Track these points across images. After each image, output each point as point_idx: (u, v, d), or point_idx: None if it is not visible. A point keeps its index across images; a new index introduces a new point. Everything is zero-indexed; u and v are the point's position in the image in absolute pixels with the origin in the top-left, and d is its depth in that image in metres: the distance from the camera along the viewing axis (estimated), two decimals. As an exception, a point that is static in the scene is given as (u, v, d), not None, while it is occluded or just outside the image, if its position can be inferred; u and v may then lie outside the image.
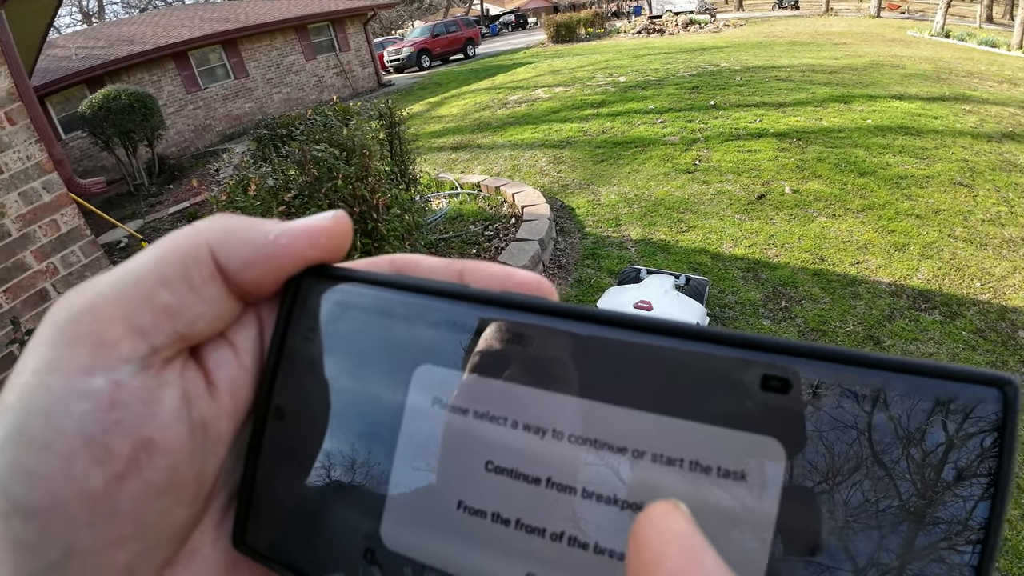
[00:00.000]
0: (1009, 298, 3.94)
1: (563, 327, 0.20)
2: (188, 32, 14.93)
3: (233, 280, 0.22)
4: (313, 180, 3.37)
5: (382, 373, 0.22)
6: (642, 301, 3.48)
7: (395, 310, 0.23)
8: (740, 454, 0.18)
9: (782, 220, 5.12)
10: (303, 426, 0.23)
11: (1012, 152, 6.53)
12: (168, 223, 7.68)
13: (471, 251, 4.94)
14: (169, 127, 12.89)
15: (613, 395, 0.20)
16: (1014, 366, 3.31)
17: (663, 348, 0.19)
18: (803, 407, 0.18)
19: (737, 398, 0.19)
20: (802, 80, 9.97)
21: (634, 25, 25.53)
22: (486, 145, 8.55)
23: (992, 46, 16.55)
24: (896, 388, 0.18)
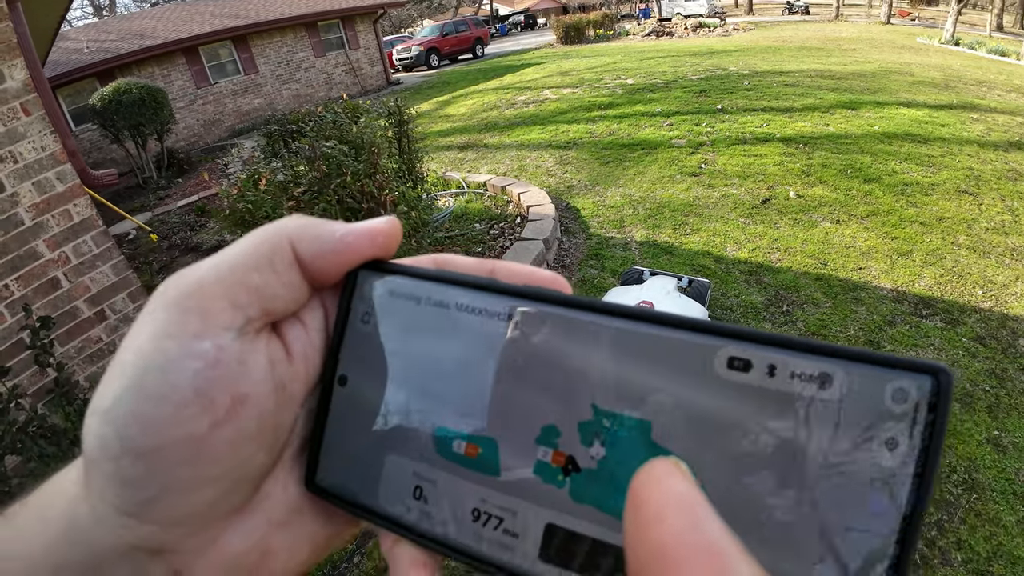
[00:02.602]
0: (1011, 306, 3.95)
1: (572, 315, 0.25)
2: (199, 27, 15.02)
3: (307, 269, 0.26)
4: (322, 176, 3.42)
5: (429, 345, 0.27)
6: (644, 301, 3.51)
7: (436, 298, 0.27)
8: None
9: (786, 225, 5.14)
10: (363, 390, 0.28)
11: (1018, 162, 6.52)
12: (176, 216, 7.75)
13: (476, 249, 4.98)
14: (178, 121, 12.98)
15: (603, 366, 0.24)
16: (1014, 373, 3.32)
17: (641, 332, 0.24)
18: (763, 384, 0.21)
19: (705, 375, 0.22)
20: (810, 85, 9.97)
21: (643, 27, 25.53)
22: (493, 145, 8.59)
23: (1001, 55, 16.49)
24: (840, 374, 0.20)
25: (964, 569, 2.28)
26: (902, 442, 0.19)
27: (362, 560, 2.54)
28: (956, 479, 2.67)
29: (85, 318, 3.17)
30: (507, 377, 0.25)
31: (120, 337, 3.39)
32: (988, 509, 2.52)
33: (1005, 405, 3.09)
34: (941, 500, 2.57)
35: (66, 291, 3.06)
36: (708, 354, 0.22)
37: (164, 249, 6.65)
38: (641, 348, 0.23)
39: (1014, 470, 2.70)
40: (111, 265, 3.28)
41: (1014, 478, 2.66)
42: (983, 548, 2.35)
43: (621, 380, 0.23)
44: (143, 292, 3.51)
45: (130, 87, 9.58)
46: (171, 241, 6.82)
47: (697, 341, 0.23)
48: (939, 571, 2.28)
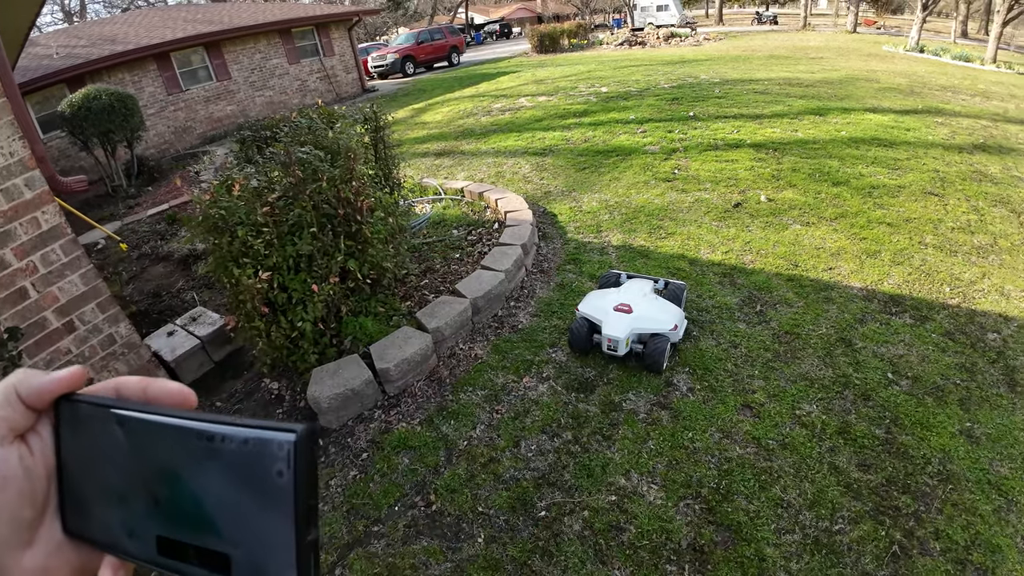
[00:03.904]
0: (978, 302, 4.09)
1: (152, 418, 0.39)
2: (171, 33, 14.78)
3: (28, 402, 0.41)
4: (298, 182, 3.40)
5: (95, 444, 0.41)
6: (622, 304, 3.57)
7: (96, 414, 0.41)
8: None
9: (758, 227, 5.25)
10: (74, 472, 0.42)
11: (983, 163, 6.77)
12: (147, 225, 7.58)
13: (455, 255, 4.98)
14: (149, 128, 12.72)
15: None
16: (983, 367, 3.43)
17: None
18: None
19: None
20: (779, 93, 10.21)
21: (616, 37, 25.87)
22: (470, 152, 8.62)
23: (966, 60, 17.04)
24: (252, 435, 0.35)
25: (944, 558, 2.34)
26: (286, 473, 0.34)
27: (344, 572, 2.52)
28: (931, 470, 2.74)
29: (54, 329, 3.09)
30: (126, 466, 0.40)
31: (90, 349, 3.32)
32: (964, 499, 2.59)
33: (976, 398, 3.19)
34: (917, 491, 2.63)
35: (34, 301, 2.98)
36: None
37: (134, 259, 6.51)
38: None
39: (988, 460, 2.79)
40: (80, 275, 3.20)
41: (988, 468, 2.74)
42: (961, 537, 2.42)
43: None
44: (113, 302, 3.43)
45: (100, 93, 9.37)
46: (141, 251, 6.67)
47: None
48: (919, 561, 2.34)
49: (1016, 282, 4.32)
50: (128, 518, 0.40)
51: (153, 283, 5.78)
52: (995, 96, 10.98)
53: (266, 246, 3.34)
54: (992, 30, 17.67)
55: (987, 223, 5.24)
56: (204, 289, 5.27)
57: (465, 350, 3.86)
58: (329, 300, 3.55)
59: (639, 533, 2.53)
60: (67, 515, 0.42)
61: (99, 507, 0.41)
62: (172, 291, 5.48)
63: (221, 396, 3.88)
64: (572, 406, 3.28)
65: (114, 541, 0.40)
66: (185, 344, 4.08)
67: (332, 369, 3.47)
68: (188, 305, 5.02)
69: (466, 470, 2.94)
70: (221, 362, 4.27)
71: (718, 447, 2.94)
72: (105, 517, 0.41)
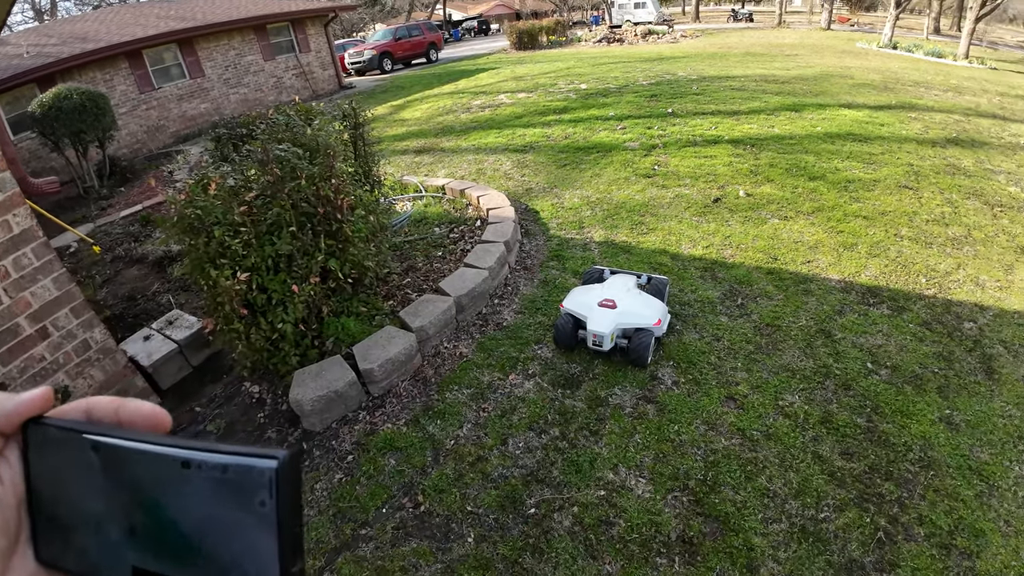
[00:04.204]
0: (954, 292, 4.18)
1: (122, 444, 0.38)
2: (142, 30, 14.45)
3: None
4: (276, 180, 3.33)
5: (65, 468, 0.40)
6: (606, 299, 3.57)
7: (57, 436, 0.40)
8: None
9: (737, 222, 5.30)
10: (48, 499, 0.40)
11: (956, 156, 6.92)
12: (120, 227, 7.40)
13: (437, 253, 4.95)
14: (121, 128, 12.43)
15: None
16: (960, 355, 3.50)
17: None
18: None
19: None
20: (755, 90, 10.33)
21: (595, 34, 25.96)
22: (450, 149, 8.57)
23: (939, 56, 17.38)
24: (231, 460, 0.34)
25: (928, 543, 2.39)
26: (268, 503, 0.33)
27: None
28: (913, 457, 2.79)
29: (27, 335, 2.99)
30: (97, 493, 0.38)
31: (64, 355, 3.22)
32: (946, 485, 2.64)
33: (955, 385, 3.26)
34: (900, 478, 2.68)
35: (6, 307, 2.88)
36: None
37: (108, 262, 6.35)
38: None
39: (968, 446, 2.85)
40: (53, 279, 3.11)
41: (968, 454, 2.80)
42: (945, 522, 2.47)
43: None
44: (87, 307, 3.34)
45: (71, 93, 9.13)
46: (115, 253, 6.51)
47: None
48: (904, 546, 2.38)
49: (990, 272, 4.42)
50: (103, 547, 0.38)
51: (128, 286, 5.64)
52: (967, 91, 11.23)
53: (244, 246, 3.27)
54: (965, 26, 18.04)
55: (961, 215, 5.36)
56: (180, 291, 5.16)
57: (450, 349, 3.84)
58: (310, 301, 3.49)
59: (629, 527, 2.54)
60: (39, 544, 0.41)
61: (73, 535, 0.39)
62: (147, 294, 5.36)
63: (200, 401, 3.80)
64: (559, 402, 3.27)
65: (89, 571, 0.39)
66: (162, 348, 3.98)
67: (314, 371, 3.41)
68: (164, 308, 4.91)
69: (454, 469, 2.92)
70: (200, 366, 4.18)
71: (704, 439, 2.96)
72: (79, 546, 0.39)
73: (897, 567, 2.30)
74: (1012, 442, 2.86)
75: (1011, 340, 3.64)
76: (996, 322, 3.82)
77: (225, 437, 3.41)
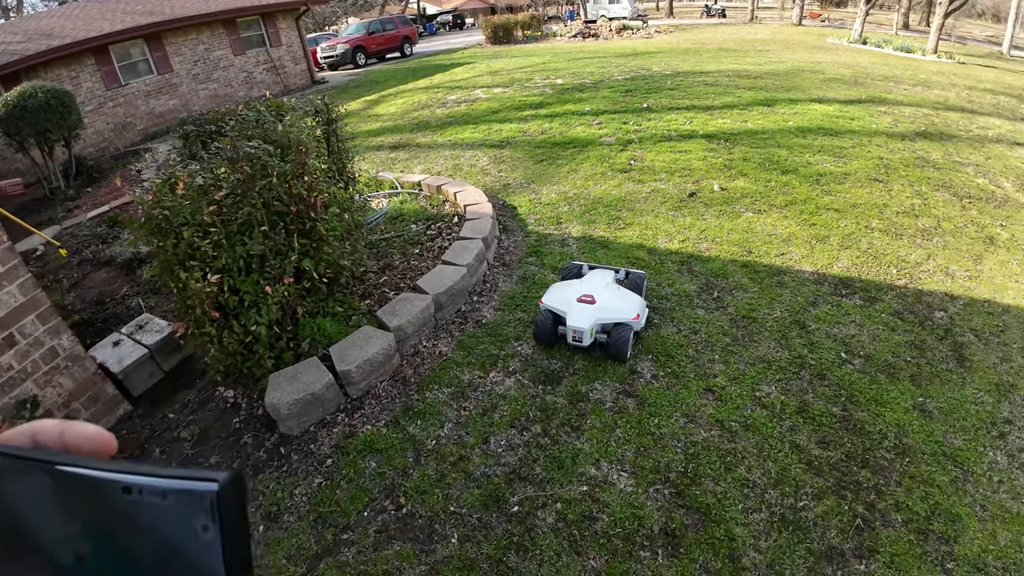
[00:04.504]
0: (924, 282, 4.28)
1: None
2: (109, 25, 14.03)
3: None
4: (246, 178, 3.25)
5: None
6: (585, 295, 3.57)
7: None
8: None
9: (712, 216, 5.35)
10: None
11: (925, 150, 7.08)
12: (87, 229, 7.18)
13: (414, 251, 4.89)
14: (87, 126, 12.08)
15: None
16: (932, 344, 3.59)
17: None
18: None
19: None
20: (728, 85, 10.44)
21: (570, 29, 25.98)
22: (426, 144, 8.49)
23: (907, 51, 17.74)
24: (141, 489, 0.33)
25: (906, 529, 2.43)
26: (211, 528, 0.32)
27: (308, 578, 2.44)
28: (887, 445, 2.85)
29: (-8, 344, 2.88)
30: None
31: (32, 364, 3.11)
32: (921, 471, 2.70)
33: (927, 373, 3.33)
34: (876, 465, 2.73)
35: None
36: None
37: (75, 265, 6.15)
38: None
39: (942, 433, 2.91)
40: (18, 285, 3.00)
41: (943, 440, 2.87)
42: (921, 508, 2.52)
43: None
44: (54, 312, 3.23)
45: (36, 91, 8.82)
46: (82, 256, 6.31)
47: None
48: (882, 532, 2.42)
49: (960, 262, 4.54)
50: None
51: (96, 290, 5.47)
52: (936, 85, 11.50)
53: (214, 247, 3.19)
54: (934, 21, 18.39)
55: (930, 207, 5.48)
56: (150, 294, 5.02)
57: (429, 347, 3.80)
58: (284, 302, 3.42)
59: (612, 521, 2.54)
60: None
61: (17, 566, 0.37)
62: (116, 298, 5.20)
63: (173, 407, 3.70)
64: (540, 399, 3.27)
65: None
66: (132, 354, 3.87)
67: (290, 374, 3.35)
68: (134, 312, 4.77)
69: (436, 470, 2.89)
70: (172, 371, 4.07)
71: (683, 431, 2.98)
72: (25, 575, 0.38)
73: (876, 553, 2.34)
74: (985, 428, 2.93)
75: (981, 328, 3.74)
76: (966, 311, 3.92)
77: (199, 444, 3.32)
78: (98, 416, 3.49)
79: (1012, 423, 2.98)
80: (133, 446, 3.35)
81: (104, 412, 3.53)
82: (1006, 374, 3.33)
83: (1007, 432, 2.92)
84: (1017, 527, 2.43)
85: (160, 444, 3.35)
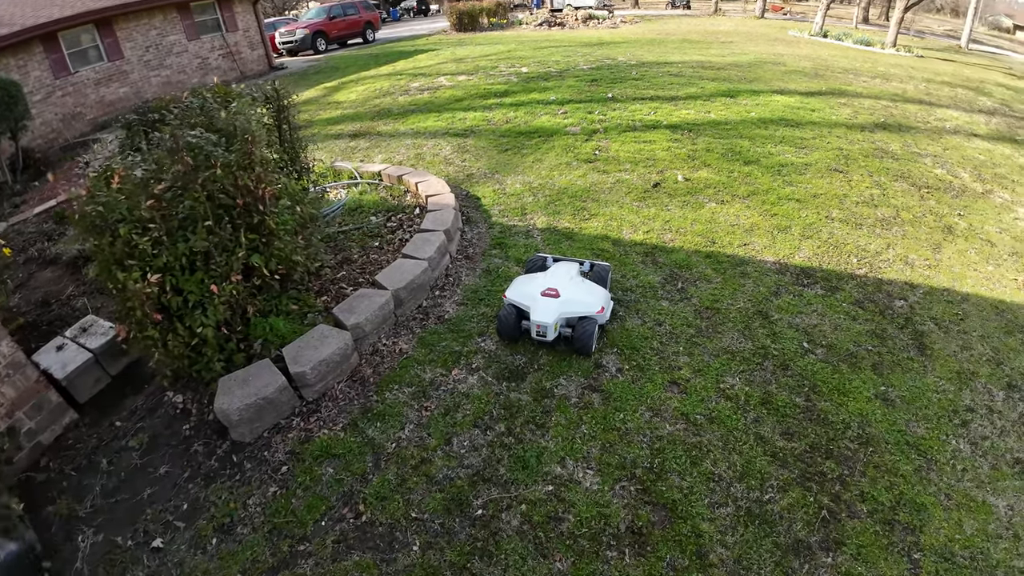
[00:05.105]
0: (884, 272, 4.33)
1: None
2: (59, 11, 13.30)
3: None
4: (188, 170, 3.05)
5: None
6: (549, 289, 3.49)
7: None
8: None
9: (676, 207, 5.33)
10: None
11: (884, 140, 7.20)
12: (33, 225, 6.79)
13: (374, 244, 4.73)
14: (36, 117, 11.51)
15: None
16: (893, 332, 3.63)
17: None
18: None
19: None
20: (692, 76, 10.46)
21: (536, 18, 25.78)
22: (387, 133, 8.26)
23: (867, 45, 18.09)
24: None
25: (872, 520, 2.43)
26: None
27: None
28: (851, 435, 2.85)
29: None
30: None
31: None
32: (885, 461, 2.71)
33: (888, 362, 3.36)
34: (840, 456, 2.73)
35: None
36: None
37: (20, 264, 5.79)
38: None
39: (904, 422, 2.93)
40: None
41: (905, 429, 2.89)
42: (886, 498, 2.52)
43: None
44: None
45: (-21, 83, 8.31)
46: (28, 254, 5.95)
47: None
48: (847, 524, 2.41)
49: (919, 251, 4.61)
50: None
51: (42, 290, 5.16)
52: (894, 78, 11.75)
53: (154, 244, 2.99)
54: (894, 15, 18.79)
55: (889, 197, 5.57)
56: (96, 294, 4.75)
57: (389, 345, 3.67)
58: (232, 301, 3.24)
59: (578, 521, 2.48)
60: None
61: None
62: (62, 298, 4.92)
63: (121, 414, 3.49)
64: (504, 396, 3.18)
65: None
66: (77, 359, 3.63)
67: (241, 377, 3.18)
68: (80, 313, 4.51)
69: (396, 475, 2.78)
70: (120, 375, 3.84)
71: (649, 426, 2.93)
72: None
73: (843, 545, 2.33)
74: (947, 416, 2.97)
75: (941, 317, 3.80)
76: (926, 299, 3.98)
77: (148, 452, 3.15)
78: (43, 426, 3.30)
79: (974, 411, 3.02)
80: (81, 457, 3.17)
81: (49, 421, 3.33)
82: (967, 362, 3.38)
83: (969, 420, 2.96)
84: (983, 515, 2.46)
85: (108, 454, 3.18)
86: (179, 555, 2.53)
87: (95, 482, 2.97)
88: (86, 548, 2.62)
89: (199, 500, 2.80)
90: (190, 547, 2.56)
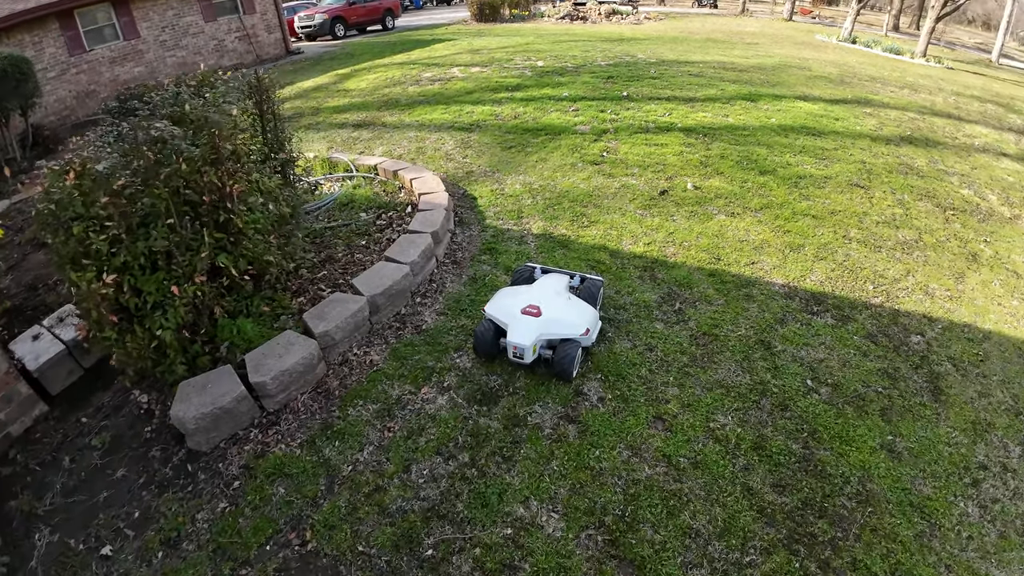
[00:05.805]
0: (901, 301, 4.01)
1: None
2: (76, -12, 13.25)
3: None
4: (150, 164, 2.86)
5: None
6: (531, 306, 3.25)
7: None
8: None
9: (682, 217, 5.04)
10: None
11: (909, 155, 6.82)
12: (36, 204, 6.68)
13: (360, 242, 4.53)
14: (49, 94, 11.55)
15: None
16: (906, 372, 3.33)
17: None
18: None
19: None
20: (713, 77, 10.10)
21: (558, 10, 25.36)
22: (392, 124, 8.04)
23: (896, 53, 17.47)
24: None
25: (862, 592, 2.17)
26: None
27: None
28: (850, 491, 2.58)
29: None
30: None
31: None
32: (884, 524, 2.44)
33: (899, 407, 3.07)
34: (835, 515, 2.47)
35: None
36: None
37: (16, 245, 5.68)
38: None
39: (910, 478, 2.65)
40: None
41: (910, 487, 2.61)
42: (880, 568, 2.26)
43: None
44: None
45: (-10, 59, 8.29)
46: (25, 235, 5.84)
47: None
48: (829, 601, 2.16)
49: (940, 280, 4.28)
50: None
51: (32, 273, 5.04)
52: (923, 89, 11.25)
53: (112, 243, 2.80)
54: (925, 24, 18.14)
55: (912, 217, 5.22)
56: (75, 281, 4.60)
57: (360, 356, 3.46)
58: (197, 302, 3.05)
59: (535, 572, 2.26)
60: None
61: None
62: (49, 283, 4.78)
63: (88, 411, 3.34)
64: (472, 421, 2.95)
65: None
66: (50, 350, 3.48)
67: (200, 383, 2.99)
68: (64, 299, 4.37)
69: (348, 501, 2.58)
70: (93, 368, 3.69)
71: (626, 467, 2.69)
72: None
73: (823, 623, 2.09)
74: (957, 473, 2.69)
75: (959, 356, 3.49)
76: (945, 336, 3.67)
77: (110, 453, 3.00)
78: (12, 417, 3.18)
79: (987, 468, 2.74)
80: (46, 452, 3.05)
81: (18, 413, 3.22)
82: (984, 411, 3.09)
83: (981, 479, 2.68)
84: (983, 594, 2.19)
85: (71, 452, 3.05)
86: (125, 565, 2.40)
87: (56, 480, 2.86)
88: (42, 548, 2.52)
89: (151, 509, 2.65)
90: (136, 558, 2.42)
